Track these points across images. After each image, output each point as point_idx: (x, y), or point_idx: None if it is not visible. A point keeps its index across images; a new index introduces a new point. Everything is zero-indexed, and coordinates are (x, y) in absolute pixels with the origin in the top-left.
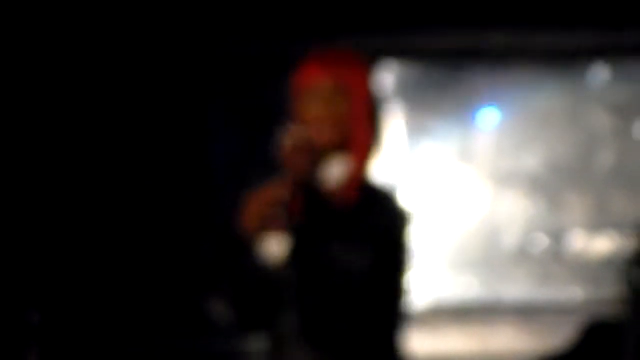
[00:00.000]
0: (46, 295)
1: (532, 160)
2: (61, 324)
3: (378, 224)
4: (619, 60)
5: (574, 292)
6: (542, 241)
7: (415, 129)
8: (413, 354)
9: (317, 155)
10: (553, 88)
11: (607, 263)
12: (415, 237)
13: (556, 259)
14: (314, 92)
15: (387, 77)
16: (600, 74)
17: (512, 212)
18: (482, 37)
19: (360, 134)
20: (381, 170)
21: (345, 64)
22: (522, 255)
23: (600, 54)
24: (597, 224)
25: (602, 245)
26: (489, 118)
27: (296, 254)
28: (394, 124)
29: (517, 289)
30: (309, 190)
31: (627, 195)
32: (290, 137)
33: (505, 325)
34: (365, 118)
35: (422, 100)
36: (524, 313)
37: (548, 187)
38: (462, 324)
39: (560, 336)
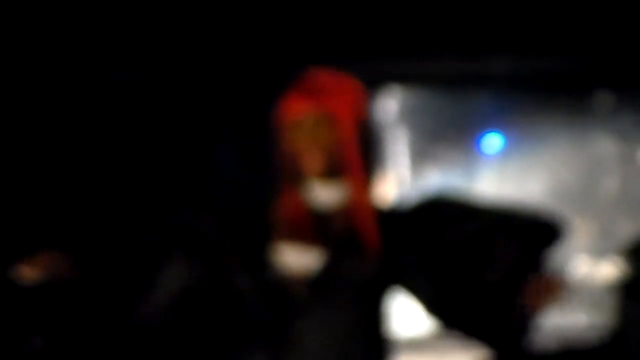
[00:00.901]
0: (49, 320)
1: (535, 185)
2: (64, 348)
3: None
4: (624, 86)
5: (577, 318)
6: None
7: (419, 155)
8: None
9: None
10: (557, 114)
11: (611, 288)
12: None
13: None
14: (299, 124)
15: (390, 103)
16: (604, 100)
17: None
18: (486, 63)
19: (351, 159)
20: (385, 195)
21: (329, 91)
22: None
23: (604, 80)
24: (601, 250)
25: (606, 270)
26: (493, 144)
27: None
28: (398, 149)
29: None
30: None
31: (631, 221)
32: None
33: None
34: (354, 143)
35: (426, 126)
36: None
37: (552, 212)
38: (466, 347)
39: None
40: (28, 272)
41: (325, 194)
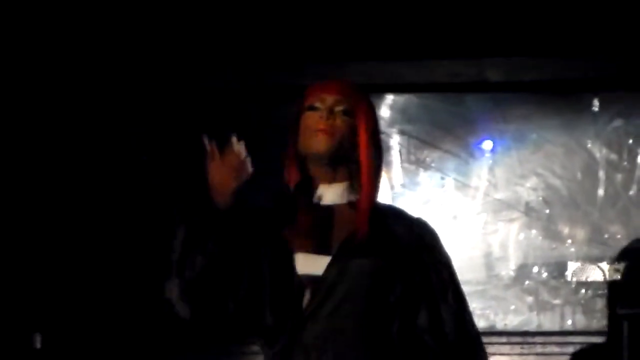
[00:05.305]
0: (48, 318)
1: (528, 191)
2: (63, 346)
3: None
4: (615, 92)
5: (569, 323)
6: (538, 272)
7: (412, 162)
8: None
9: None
10: (550, 120)
11: (602, 294)
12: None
13: (552, 290)
14: (318, 108)
15: (384, 110)
16: (596, 106)
17: (508, 243)
18: (479, 70)
19: (364, 160)
20: (379, 201)
21: (351, 91)
22: (518, 285)
23: (596, 86)
24: (593, 256)
25: (598, 276)
26: (486, 150)
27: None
28: (391, 156)
29: (512, 319)
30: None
31: (623, 227)
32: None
33: (500, 355)
34: (369, 142)
35: (418, 133)
36: (520, 343)
37: (544, 218)
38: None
39: None
40: None
41: (330, 194)
